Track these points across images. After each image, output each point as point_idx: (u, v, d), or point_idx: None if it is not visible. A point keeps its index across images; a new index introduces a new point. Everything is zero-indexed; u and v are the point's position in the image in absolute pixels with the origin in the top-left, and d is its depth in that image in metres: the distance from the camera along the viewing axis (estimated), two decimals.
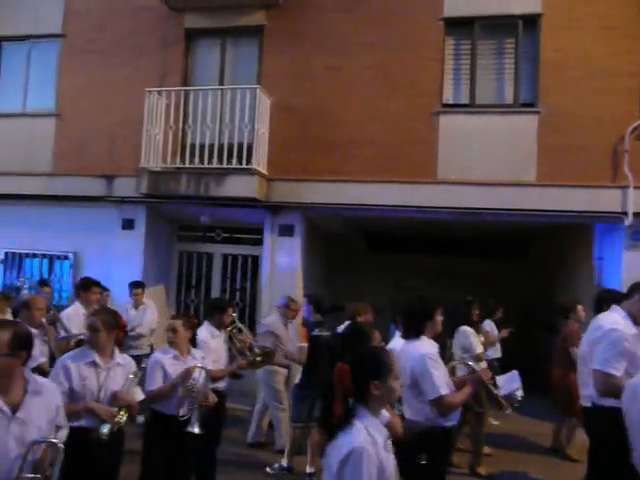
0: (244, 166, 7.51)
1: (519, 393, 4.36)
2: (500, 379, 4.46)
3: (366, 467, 2.03)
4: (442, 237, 11.05)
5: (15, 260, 9.09)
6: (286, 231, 8.09)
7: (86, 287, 5.64)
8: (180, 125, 7.99)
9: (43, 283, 7.46)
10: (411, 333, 3.44)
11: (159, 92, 7.95)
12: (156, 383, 3.88)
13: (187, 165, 7.78)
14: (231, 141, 7.61)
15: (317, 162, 7.84)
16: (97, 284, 5.81)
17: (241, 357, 5.14)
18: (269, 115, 7.88)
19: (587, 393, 3.79)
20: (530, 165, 7.34)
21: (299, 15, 8.13)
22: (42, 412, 2.50)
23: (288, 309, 6.40)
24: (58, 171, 8.79)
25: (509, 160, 7.36)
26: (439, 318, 3.52)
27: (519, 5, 7.55)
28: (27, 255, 9.07)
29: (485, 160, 7.40)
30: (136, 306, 7.33)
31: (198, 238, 9.14)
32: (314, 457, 5.46)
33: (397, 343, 3.81)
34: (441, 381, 3.24)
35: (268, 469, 5.54)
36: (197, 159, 7.71)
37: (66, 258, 8.90)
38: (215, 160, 7.66)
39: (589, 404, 3.79)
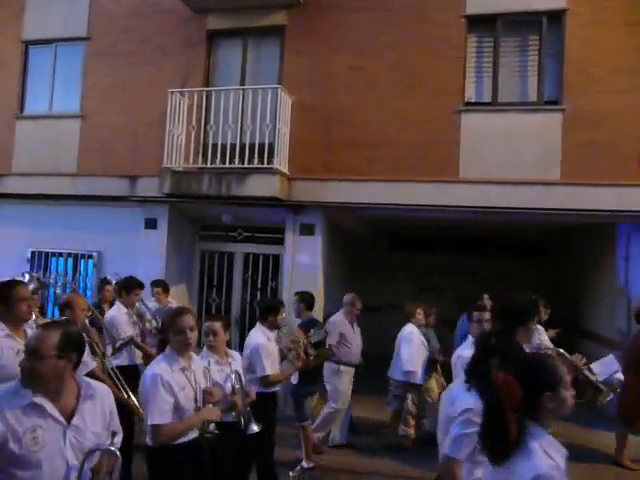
0: (265, 166, 7.55)
1: (619, 376, 4.08)
2: (595, 365, 4.17)
3: None
4: (464, 236, 10.97)
5: (41, 259, 9.27)
6: (307, 230, 8.10)
7: (129, 289, 5.60)
8: (202, 125, 8.06)
9: (105, 282, 7.01)
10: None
11: (181, 92, 8.04)
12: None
13: (209, 165, 7.85)
14: (252, 141, 7.66)
15: (338, 161, 7.84)
16: (140, 285, 5.76)
17: (290, 357, 5.10)
18: (290, 115, 7.90)
19: None
20: (554, 164, 7.23)
21: (320, 15, 8.14)
22: (97, 418, 2.37)
23: (353, 307, 6.41)
24: (82, 171, 8.95)
25: (532, 159, 7.27)
26: (532, 326, 3.41)
27: (543, 1, 7.45)
28: (53, 254, 9.25)
29: (508, 159, 7.31)
30: (158, 305, 7.40)
31: (220, 237, 9.20)
32: (310, 451, 5.53)
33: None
34: None
35: (291, 473, 5.49)
36: (219, 159, 7.77)
37: (90, 257, 9.05)
38: (237, 160, 7.71)
39: None
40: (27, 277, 5.44)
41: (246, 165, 7.67)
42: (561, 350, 3.97)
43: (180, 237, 8.91)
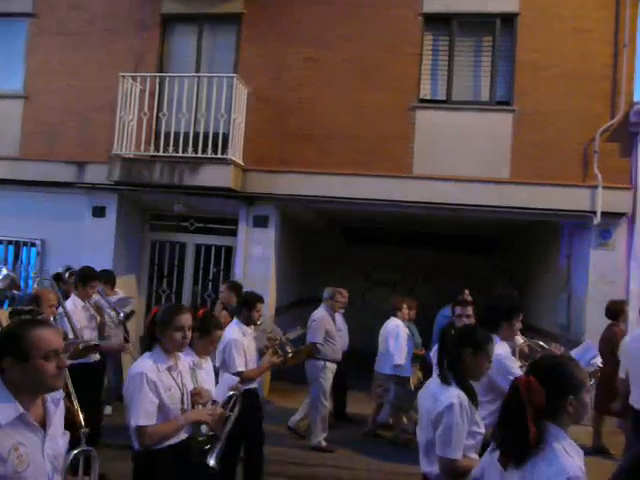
0: (219, 156, 7.43)
1: (597, 361, 4.05)
2: (574, 352, 4.17)
3: None
4: (417, 232, 11.16)
5: None
6: (261, 222, 8.04)
7: (85, 280, 5.18)
8: (155, 112, 7.84)
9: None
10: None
11: (133, 77, 7.79)
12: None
13: (161, 153, 7.66)
14: (207, 130, 7.51)
15: (293, 154, 7.80)
16: (97, 277, 5.35)
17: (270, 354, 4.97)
18: (246, 105, 7.80)
19: None
20: (504, 163, 7.45)
21: (278, 4, 8.05)
22: (60, 422, 2.19)
23: (334, 301, 6.34)
24: (26, 155, 8.54)
25: (484, 157, 7.46)
26: (516, 323, 3.47)
27: (497, 4, 7.62)
28: None
29: (460, 156, 7.47)
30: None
31: (171, 227, 9.01)
32: None
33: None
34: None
35: None
36: (171, 147, 7.58)
37: (33, 245, 8.67)
38: (190, 149, 7.55)
39: None
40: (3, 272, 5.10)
41: (200, 155, 7.52)
42: (540, 342, 4.08)
43: (129, 226, 8.67)
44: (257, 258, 7.98)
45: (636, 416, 4.60)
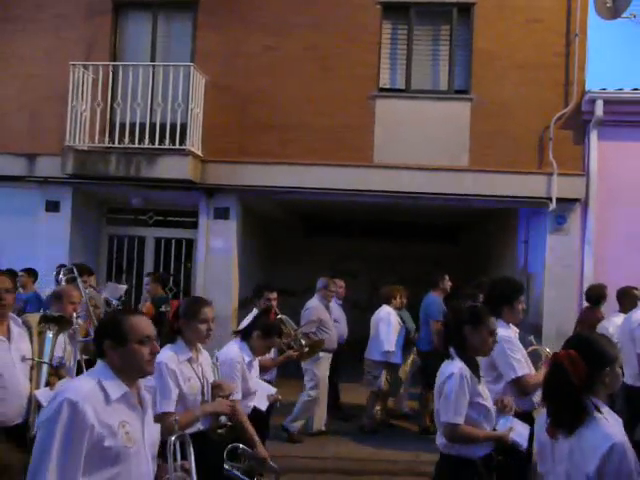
0: (177, 147, 7.27)
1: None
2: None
3: (633, 462, 1.92)
4: (379, 221, 11.23)
5: None
6: (221, 214, 7.93)
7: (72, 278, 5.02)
8: (109, 102, 7.61)
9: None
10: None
11: (85, 66, 7.52)
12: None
13: (116, 145, 7.44)
14: (163, 120, 7.33)
15: (253, 144, 7.71)
16: (89, 271, 5.28)
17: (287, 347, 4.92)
18: (204, 94, 7.64)
19: (633, 372, 4.49)
20: (463, 151, 7.55)
21: None
22: (152, 410, 2.36)
23: (327, 290, 6.31)
24: None
25: (443, 145, 7.54)
26: (518, 305, 3.53)
27: None
28: None
29: (420, 145, 7.53)
30: None
31: (129, 221, 8.78)
32: None
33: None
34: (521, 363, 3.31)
35: None
36: (127, 138, 7.38)
37: None
38: (147, 140, 7.36)
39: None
40: None
41: (157, 146, 7.34)
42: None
43: (85, 221, 8.40)
44: (219, 250, 7.87)
45: (628, 392, 4.75)
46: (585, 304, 6.44)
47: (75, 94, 7.39)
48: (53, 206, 8.06)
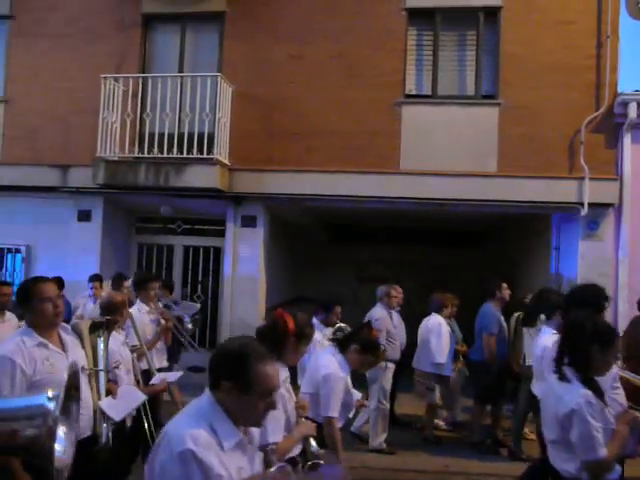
0: (205, 156, 7.35)
1: None
2: None
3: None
4: (404, 227, 11.14)
5: None
6: (249, 222, 7.98)
7: (141, 283, 5.03)
8: (138, 113, 7.75)
9: (121, 277, 6.81)
10: None
11: (115, 79, 7.68)
12: None
13: (146, 155, 7.57)
14: (191, 130, 7.43)
15: (280, 152, 7.75)
16: (154, 278, 5.19)
17: None
18: (230, 104, 7.72)
19: None
20: (491, 156, 7.44)
21: (261, 2, 7.98)
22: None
23: (390, 298, 6.16)
24: (8, 160, 8.39)
25: (471, 151, 7.45)
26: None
27: None
28: None
29: (447, 151, 7.46)
30: (95, 300, 7.09)
31: (158, 230, 8.91)
32: None
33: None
34: None
35: None
36: (156, 149, 7.50)
37: (18, 251, 8.53)
38: (175, 150, 7.47)
39: None
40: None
41: (185, 155, 7.44)
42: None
43: (116, 230, 8.56)
44: (246, 258, 7.92)
45: None
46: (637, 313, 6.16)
47: (106, 106, 7.55)
48: (85, 215, 8.24)
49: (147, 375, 4.40)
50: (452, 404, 6.72)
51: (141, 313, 4.89)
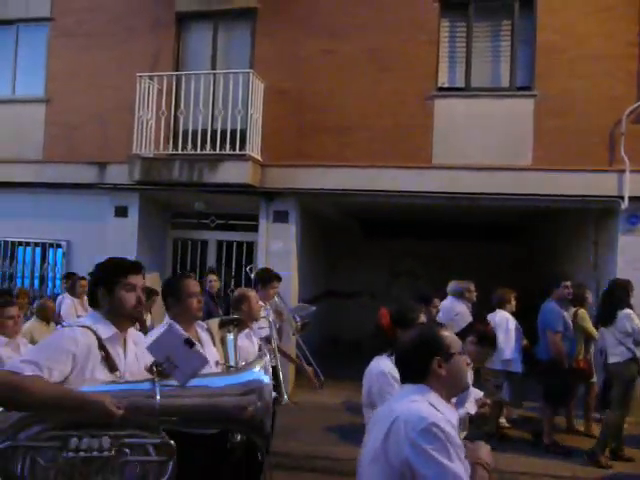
0: (238, 152, 7.43)
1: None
2: None
3: None
4: (438, 222, 11.02)
5: (7, 249, 9.00)
6: (281, 217, 8.03)
7: (266, 281, 5.00)
8: (172, 111, 7.88)
9: (211, 271, 7.25)
10: None
11: (150, 77, 7.82)
12: None
13: (180, 151, 7.70)
14: (224, 127, 7.51)
15: (312, 147, 7.76)
16: (278, 277, 5.12)
17: None
18: (262, 100, 7.77)
19: None
20: (526, 149, 7.28)
21: None
22: None
23: (470, 292, 6.19)
24: (49, 158, 8.68)
25: (505, 144, 7.30)
26: None
27: None
28: (20, 244, 8.99)
29: (481, 144, 7.33)
30: None
31: (192, 225, 9.07)
32: None
33: None
34: None
35: None
36: (190, 145, 7.62)
37: (59, 246, 8.82)
38: (208, 146, 7.57)
39: None
40: None
41: (218, 151, 7.53)
42: None
43: (151, 225, 8.74)
44: (278, 253, 7.97)
45: None
46: None
47: (141, 104, 7.70)
48: (122, 211, 8.44)
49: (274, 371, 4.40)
50: (520, 402, 6.60)
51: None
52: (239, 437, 3.02)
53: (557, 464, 5.48)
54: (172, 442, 2.06)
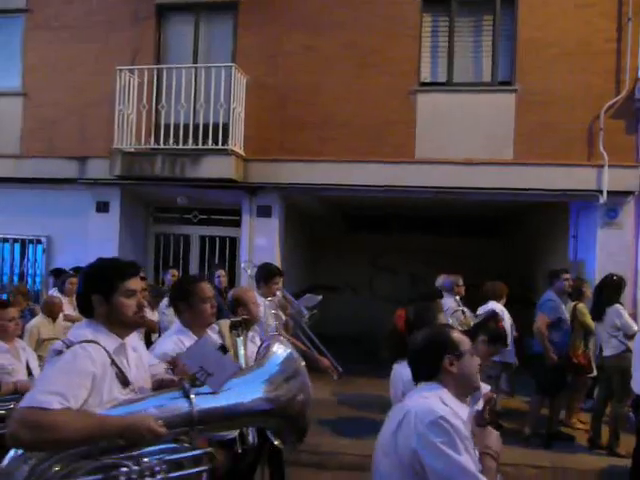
0: (220, 146, 7.38)
1: None
2: None
3: None
4: (420, 216, 11.10)
5: None
6: (264, 212, 8.01)
7: (268, 277, 4.84)
8: (153, 104, 7.79)
9: (219, 266, 7.29)
10: None
11: (130, 70, 7.72)
12: None
13: (162, 146, 7.62)
14: (206, 121, 7.45)
15: (294, 142, 7.74)
16: (281, 273, 5.00)
17: None
18: (245, 94, 7.72)
19: None
20: (508, 144, 7.36)
21: None
22: None
23: (459, 287, 6.13)
24: (27, 153, 8.52)
25: (487, 139, 7.37)
26: None
27: None
28: None
29: (463, 139, 7.39)
30: None
31: (175, 220, 9.00)
32: None
33: None
34: None
35: None
36: (172, 139, 7.54)
37: (39, 242, 8.69)
38: (190, 140, 7.51)
39: None
40: None
41: (200, 146, 7.48)
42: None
43: (133, 220, 8.66)
44: (262, 248, 7.95)
45: None
46: None
47: (122, 98, 7.60)
48: (103, 206, 8.35)
49: None
50: (512, 392, 6.76)
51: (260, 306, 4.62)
52: (252, 439, 2.94)
53: (537, 454, 5.57)
54: (211, 449, 2.01)
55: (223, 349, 2.15)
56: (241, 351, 3.10)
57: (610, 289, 5.73)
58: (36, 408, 1.75)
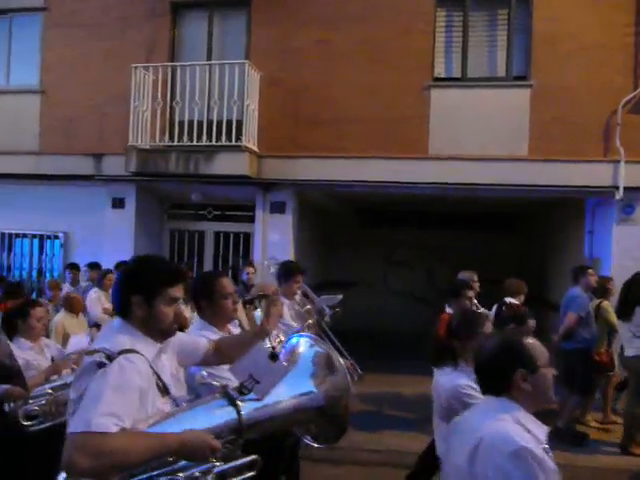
0: (234, 143, 7.43)
1: None
2: None
3: None
4: (434, 212, 11.06)
5: (5, 241, 9.02)
6: (278, 208, 8.05)
7: (289, 275, 4.62)
8: (168, 101, 7.85)
9: (249, 263, 7.36)
10: None
11: (145, 68, 7.79)
12: None
13: (176, 142, 7.69)
14: (220, 117, 7.51)
15: (308, 138, 7.76)
16: (302, 270, 4.77)
17: None
18: (259, 90, 7.76)
19: None
20: (522, 140, 7.30)
21: None
22: None
23: (473, 282, 5.95)
24: (45, 150, 8.65)
25: (501, 135, 7.31)
26: None
27: None
28: (17, 235, 9.00)
29: (477, 135, 7.34)
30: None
31: (189, 216, 9.08)
32: None
33: None
34: None
35: None
36: (186, 136, 7.61)
37: (56, 238, 8.84)
38: (204, 137, 7.56)
39: None
40: None
41: (214, 143, 7.53)
42: None
43: (148, 216, 8.76)
44: (275, 244, 8.00)
45: None
46: None
47: (137, 95, 7.68)
48: (119, 203, 8.45)
49: None
50: None
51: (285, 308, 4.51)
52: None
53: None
54: (257, 457, 1.96)
55: (273, 357, 2.11)
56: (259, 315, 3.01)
57: (638, 288, 5.54)
58: (94, 433, 1.66)
